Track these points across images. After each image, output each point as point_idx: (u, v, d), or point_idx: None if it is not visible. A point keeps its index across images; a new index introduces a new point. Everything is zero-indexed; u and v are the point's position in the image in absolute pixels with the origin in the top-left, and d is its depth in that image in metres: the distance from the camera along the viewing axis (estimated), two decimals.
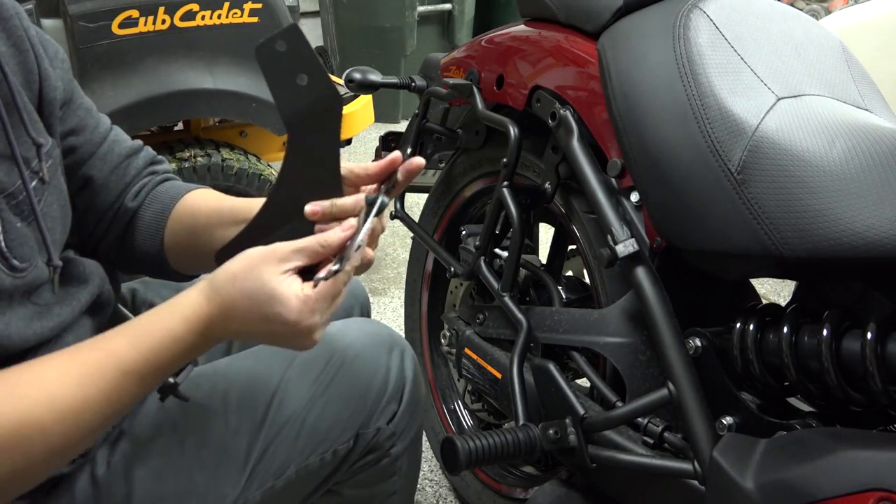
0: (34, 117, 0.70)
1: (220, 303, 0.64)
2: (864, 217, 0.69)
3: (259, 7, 1.78)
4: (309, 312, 0.64)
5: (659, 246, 0.89)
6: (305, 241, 0.65)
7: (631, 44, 0.91)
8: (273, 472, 0.82)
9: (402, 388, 0.91)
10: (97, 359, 0.61)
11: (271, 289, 0.63)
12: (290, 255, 0.64)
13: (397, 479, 0.95)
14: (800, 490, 0.66)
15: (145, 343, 0.63)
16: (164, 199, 0.86)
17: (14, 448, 0.56)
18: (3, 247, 0.62)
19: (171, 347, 0.64)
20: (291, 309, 0.63)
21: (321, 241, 0.65)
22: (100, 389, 0.60)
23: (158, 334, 0.63)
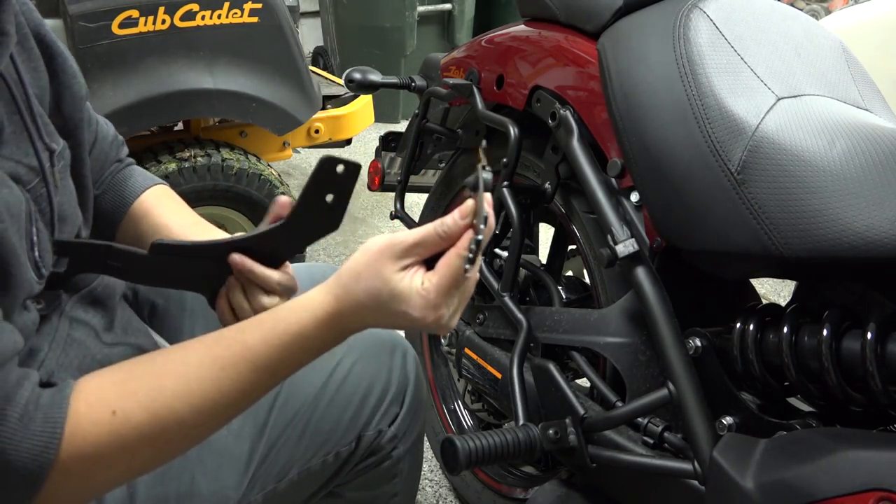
0: (46, 120, 0.70)
1: (349, 301, 0.64)
2: (865, 217, 0.69)
3: (259, 7, 1.78)
4: (432, 308, 0.63)
5: (659, 246, 0.89)
6: (424, 232, 0.63)
7: (631, 44, 0.91)
8: (275, 474, 0.82)
9: (404, 390, 0.91)
10: (232, 354, 0.63)
11: (392, 287, 0.62)
12: (409, 250, 0.63)
13: (399, 481, 0.95)
14: (800, 490, 0.66)
15: (279, 341, 0.63)
16: (124, 192, 0.86)
17: (154, 437, 0.60)
18: (37, 256, 0.63)
19: (303, 345, 0.65)
20: (414, 306, 0.62)
21: (439, 230, 0.63)
22: (233, 383, 0.62)
23: (291, 333, 0.64)
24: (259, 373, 0.63)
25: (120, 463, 0.59)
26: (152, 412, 0.59)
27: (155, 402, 0.59)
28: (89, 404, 0.58)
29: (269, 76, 1.84)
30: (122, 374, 0.61)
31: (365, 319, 0.65)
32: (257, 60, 1.82)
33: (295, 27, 1.99)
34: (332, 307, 0.64)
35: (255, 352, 0.63)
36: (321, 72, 2.71)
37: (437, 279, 0.62)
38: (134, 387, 0.60)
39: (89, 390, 0.59)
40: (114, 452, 0.58)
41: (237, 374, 0.62)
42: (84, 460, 0.57)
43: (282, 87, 1.87)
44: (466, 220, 0.62)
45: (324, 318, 0.64)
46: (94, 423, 0.57)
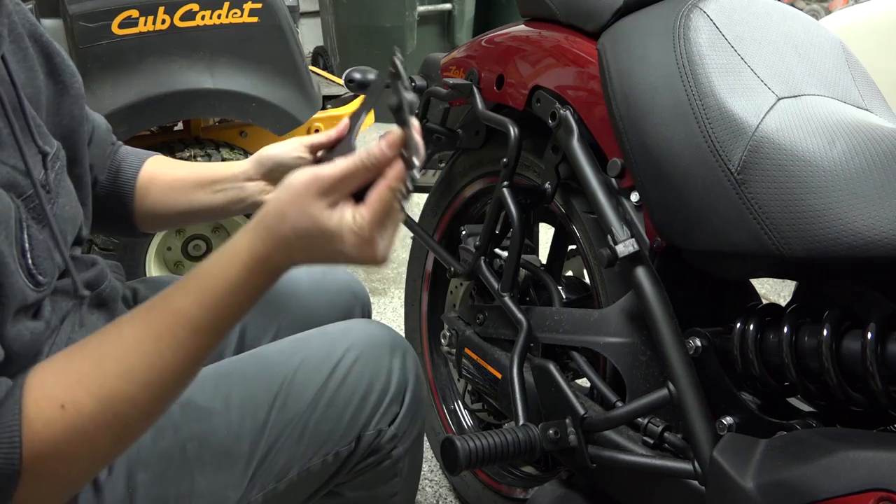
0: (38, 122, 0.69)
1: (276, 243, 0.62)
2: (865, 217, 0.69)
3: (259, 7, 1.78)
4: (367, 243, 0.61)
5: (659, 246, 0.89)
6: (350, 165, 0.61)
7: (631, 44, 0.91)
8: (275, 474, 0.82)
9: (404, 389, 0.91)
10: (167, 323, 0.61)
11: (322, 226, 0.61)
12: (335, 185, 0.61)
13: (398, 481, 0.95)
14: (800, 490, 0.66)
15: (211, 299, 0.62)
16: (125, 168, 0.92)
17: (110, 423, 0.59)
18: (31, 263, 0.62)
19: (238, 297, 0.62)
20: (349, 244, 0.61)
21: (366, 161, 0.61)
22: (176, 351, 0.60)
23: (223, 288, 0.62)
24: (200, 334, 0.61)
25: (83, 454, 0.58)
26: (101, 398, 0.58)
27: (101, 388, 0.58)
28: (37, 403, 0.56)
29: (269, 76, 1.84)
30: (62, 363, 0.60)
31: (294, 257, 0.63)
32: (257, 60, 1.82)
33: (295, 27, 1.99)
34: (259, 252, 0.62)
35: (190, 315, 0.61)
36: (321, 72, 2.71)
37: (369, 214, 0.60)
38: (76, 375, 0.58)
39: (35, 387, 0.57)
40: (73, 446, 0.57)
41: (177, 341, 0.60)
42: (47, 460, 0.56)
43: (282, 87, 1.87)
44: (394, 152, 0.61)
45: (253, 265, 0.62)
46: (46, 422, 0.56)
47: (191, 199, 0.91)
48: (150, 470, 0.75)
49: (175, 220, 0.96)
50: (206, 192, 0.91)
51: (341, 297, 1.11)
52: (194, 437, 0.78)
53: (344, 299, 1.11)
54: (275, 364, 0.86)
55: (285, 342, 0.90)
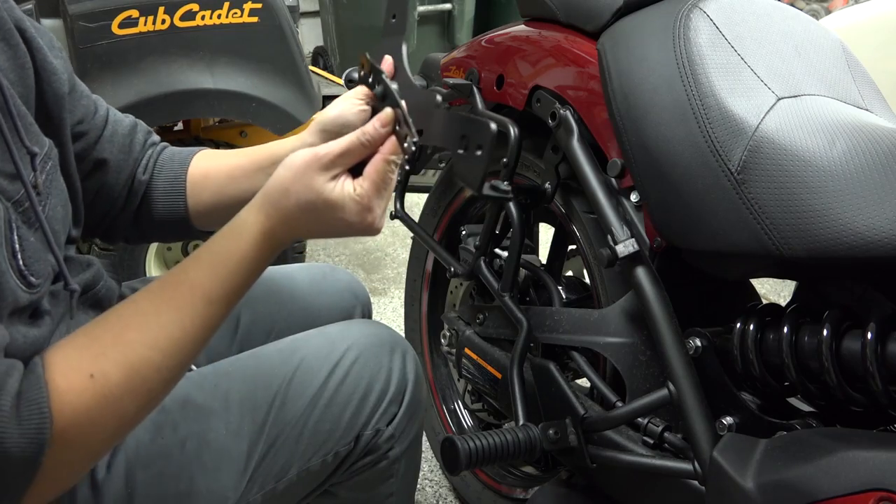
0: (28, 121, 0.69)
1: (280, 217, 0.67)
2: (865, 217, 0.69)
3: (259, 7, 1.78)
4: (367, 210, 0.67)
5: (659, 246, 0.89)
6: (347, 142, 0.67)
7: (631, 44, 0.91)
8: (274, 474, 0.82)
9: (403, 389, 0.90)
10: (184, 294, 0.65)
11: (326, 197, 0.66)
12: (335, 160, 0.67)
13: (395, 482, 0.95)
14: (800, 490, 0.66)
15: (224, 271, 0.66)
16: (174, 166, 0.90)
17: (136, 389, 0.62)
18: (22, 265, 0.62)
19: (247, 268, 0.67)
20: (350, 211, 0.67)
21: (362, 138, 0.67)
22: (193, 319, 0.65)
23: (234, 260, 0.67)
24: (215, 304, 0.66)
25: (111, 422, 0.61)
26: (128, 366, 0.61)
27: (127, 357, 0.61)
28: (65, 375, 0.59)
29: (269, 76, 1.84)
30: (82, 340, 0.62)
31: (297, 230, 0.69)
32: (257, 60, 1.82)
33: (295, 27, 1.99)
34: (264, 226, 0.68)
35: (205, 287, 0.65)
36: (321, 72, 2.71)
37: (368, 184, 0.66)
38: (100, 348, 0.61)
39: (58, 362, 0.60)
40: (102, 413, 0.60)
41: (194, 310, 0.65)
42: (78, 427, 0.58)
43: (282, 87, 1.87)
44: (388, 129, 0.68)
45: (260, 238, 0.68)
46: (77, 392, 0.58)
47: (254, 184, 0.87)
48: (149, 469, 0.75)
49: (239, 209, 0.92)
50: (267, 175, 0.85)
51: (341, 297, 1.11)
52: (193, 436, 0.78)
53: (344, 300, 1.11)
54: (274, 364, 0.85)
55: (285, 342, 0.90)
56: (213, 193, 0.89)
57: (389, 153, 0.67)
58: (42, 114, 0.74)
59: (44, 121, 0.73)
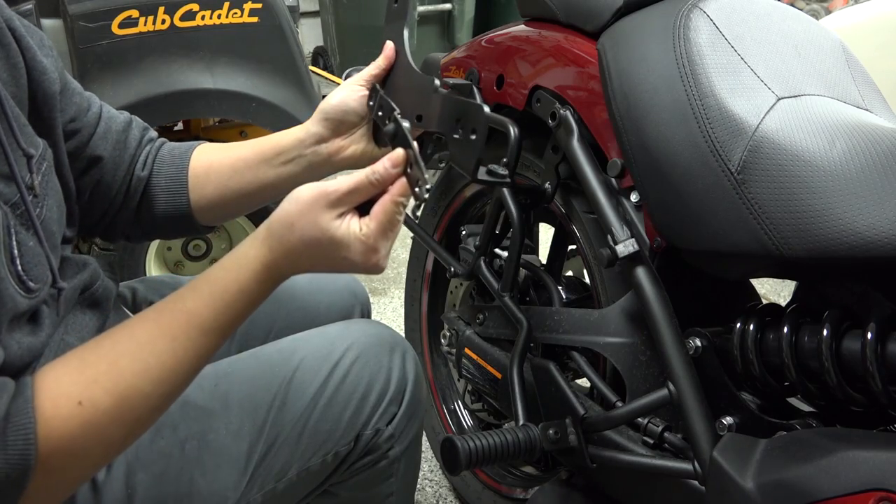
0: (23, 122, 0.69)
1: (284, 251, 0.67)
2: (865, 217, 0.69)
3: (259, 7, 1.78)
4: (372, 251, 0.66)
5: (659, 246, 0.89)
6: (356, 181, 0.66)
7: (631, 44, 0.91)
8: (274, 474, 0.81)
9: (403, 389, 0.90)
10: (180, 323, 0.65)
11: (331, 235, 0.65)
12: (343, 199, 0.66)
13: (394, 481, 0.95)
14: (800, 490, 0.66)
15: (221, 303, 0.66)
16: (174, 160, 0.89)
17: (124, 417, 0.61)
18: (21, 270, 0.62)
19: (245, 301, 0.67)
20: (355, 251, 0.66)
21: (372, 178, 0.66)
22: (187, 350, 0.64)
23: (231, 292, 0.66)
24: (210, 335, 0.65)
25: (96, 449, 0.61)
26: (117, 395, 0.60)
27: (118, 385, 0.61)
28: (53, 401, 0.58)
29: (269, 76, 1.84)
30: (75, 363, 0.62)
31: (300, 265, 0.68)
32: (257, 60, 1.82)
33: (295, 27, 1.99)
34: (267, 258, 0.67)
35: (201, 317, 0.65)
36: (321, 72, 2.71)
37: (375, 225, 0.65)
38: (92, 374, 0.61)
39: (48, 387, 0.59)
40: (88, 441, 0.59)
41: (189, 340, 0.64)
42: (62, 455, 0.58)
43: (282, 86, 1.87)
44: (398, 170, 0.66)
45: (261, 271, 0.67)
46: (63, 418, 0.58)
47: (258, 176, 0.87)
48: (148, 470, 0.75)
49: (243, 203, 0.90)
50: (271, 167, 0.86)
51: (341, 297, 1.11)
52: (193, 437, 0.78)
53: (343, 299, 1.11)
54: (274, 364, 0.85)
55: (285, 342, 0.90)
56: (217, 187, 0.88)
57: (398, 195, 0.66)
58: (34, 114, 0.73)
59: (36, 121, 0.73)
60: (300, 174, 0.86)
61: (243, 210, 0.93)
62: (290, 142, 0.86)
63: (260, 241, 0.68)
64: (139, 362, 0.62)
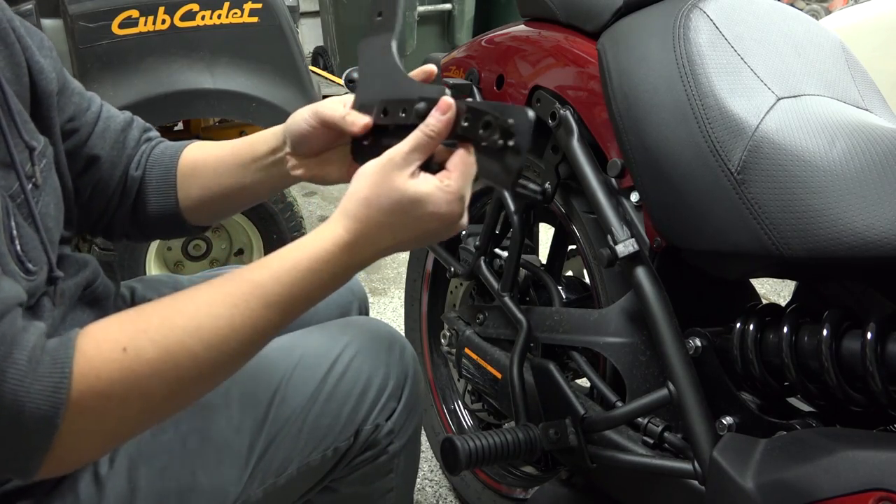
0: (25, 117, 0.69)
1: (361, 229, 0.65)
2: (865, 217, 0.69)
3: (259, 7, 1.78)
4: (457, 199, 0.65)
5: (659, 246, 0.89)
6: (414, 138, 0.65)
7: (631, 44, 0.91)
8: (275, 469, 0.82)
9: (402, 385, 0.91)
10: (243, 291, 0.63)
11: (412, 193, 0.64)
12: (408, 157, 0.65)
13: (394, 477, 0.95)
14: (800, 490, 0.66)
15: (288, 277, 0.64)
16: (164, 160, 0.88)
17: (167, 373, 0.59)
18: (20, 250, 0.62)
19: (312, 280, 0.65)
20: (440, 202, 0.64)
21: (428, 131, 0.65)
22: (245, 319, 0.62)
23: (301, 269, 0.64)
24: (271, 308, 0.63)
25: (133, 401, 0.59)
26: (164, 348, 0.59)
27: (167, 339, 0.59)
28: (98, 343, 0.58)
29: (269, 76, 1.84)
30: (131, 315, 0.61)
31: (381, 241, 0.66)
32: (257, 60, 1.82)
33: (295, 27, 1.99)
34: (342, 240, 0.65)
35: (266, 288, 0.63)
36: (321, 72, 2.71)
37: (456, 174, 0.65)
38: (143, 325, 0.60)
39: (97, 331, 0.59)
40: (127, 389, 0.58)
41: (249, 310, 0.62)
42: (98, 397, 0.57)
43: (282, 87, 1.87)
44: (448, 115, 0.65)
45: (335, 252, 0.65)
46: (104, 360, 0.57)
47: (238, 180, 0.85)
48: (151, 464, 0.75)
49: (227, 203, 0.89)
50: (249, 171, 0.85)
51: (339, 294, 1.11)
52: (195, 432, 0.78)
53: (341, 296, 1.11)
54: (274, 360, 0.86)
55: (284, 338, 0.90)
56: (201, 187, 0.87)
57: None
58: (33, 112, 0.74)
59: (35, 119, 0.73)
60: (278, 181, 0.85)
61: (231, 210, 0.92)
62: (264, 151, 0.83)
63: (335, 222, 0.66)
64: (193, 321, 0.61)
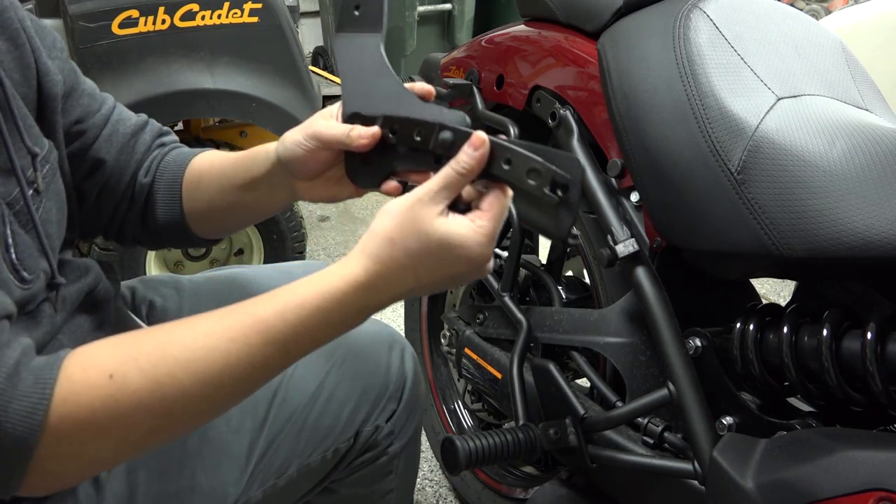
0: (30, 122, 0.68)
1: (381, 271, 0.60)
2: (864, 217, 0.69)
3: (259, 7, 1.78)
4: (489, 243, 0.60)
5: (659, 246, 0.89)
6: (444, 176, 0.60)
7: (631, 44, 0.91)
8: (275, 470, 0.82)
9: (402, 386, 0.91)
10: (243, 325, 0.59)
11: (441, 234, 0.59)
12: (437, 196, 0.60)
13: (394, 478, 0.95)
14: (800, 490, 0.66)
15: (293, 315, 0.59)
16: (173, 167, 0.85)
17: (153, 404, 0.56)
18: (14, 258, 0.61)
19: (320, 320, 0.60)
20: (472, 244, 0.59)
21: (459, 168, 0.60)
22: (242, 355, 0.58)
23: (308, 307, 0.59)
24: (272, 346, 0.59)
25: (115, 431, 0.56)
26: (153, 379, 0.56)
27: (156, 369, 0.56)
28: (84, 367, 0.55)
29: (269, 76, 1.84)
30: (124, 340, 0.58)
31: (403, 283, 0.61)
32: (257, 60, 1.82)
33: (295, 27, 1.99)
34: (359, 280, 0.60)
35: (268, 324, 0.59)
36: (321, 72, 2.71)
37: (490, 214, 0.60)
38: (135, 352, 0.57)
39: (86, 354, 0.56)
40: (109, 418, 0.55)
41: (247, 345, 0.58)
42: (77, 424, 0.54)
43: (282, 86, 1.87)
44: (481, 151, 0.59)
45: (348, 292, 0.60)
46: (88, 386, 0.54)
47: (238, 199, 0.81)
48: (150, 467, 0.75)
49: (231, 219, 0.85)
50: (248, 191, 0.81)
51: None
52: (194, 434, 0.78)
53: None
54: None
55: None
56: (205, 200, 0.83)
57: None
58: (38, 115, 0.72)
59: (40, 122, 0.72)
60: (280, 202, 0.82)
61: (237, 225, 0.88)
62: (261, 173, 0.79)
63: (353, 260, 0.61)
64: (187, 352, 0.57)
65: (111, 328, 0.79)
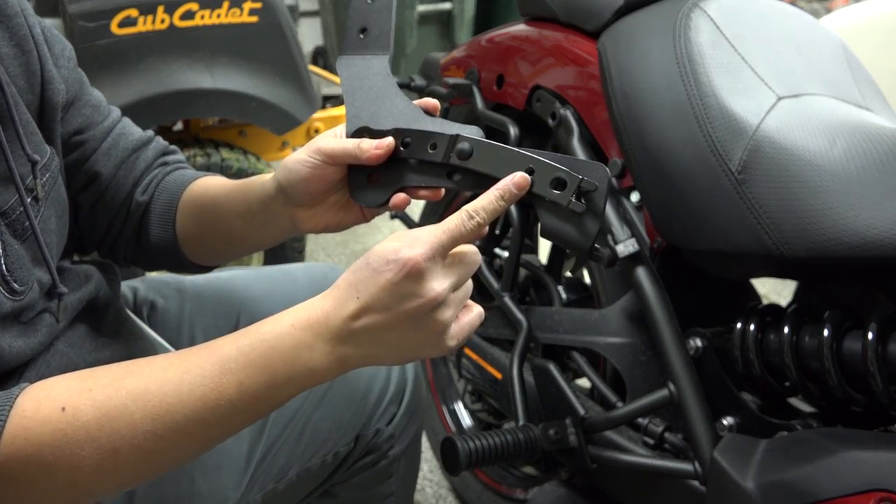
0: (31, 129, 0.67)
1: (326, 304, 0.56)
2: (865, 216, 0.69)
3: (258, 6, 1.78)
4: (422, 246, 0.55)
5: (659, 246, 0.89)
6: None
7: (631, 43, 0.91)
8: (274, 474, 0.82)
9: (403, 389, 0.91)
10: (199, 356, 0.56)
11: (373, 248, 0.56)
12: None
13: (394, 481, 0.95)
14: (800, 490, 0.66)
15: (250, 348, 0.56)
16: (172, 189, 0.82)
17: (102, 439, 0.53)
18: (5, 270, 0.60)
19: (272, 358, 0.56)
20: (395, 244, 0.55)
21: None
22: (193, 387, 0.54)
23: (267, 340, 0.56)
24: (226, 377, 0.55)
25: (62, 468, 0.52)
26: (104, 411, 0.53)
27: (109, 401, 0.53)
28: (38, 402, 0.53)
29: (269, 76, 1.84)
30: (84, 373, 0.56)
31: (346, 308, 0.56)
32: (257, 60, 1.82)
33: (295, 27, 1.99)
34: (317, 313, 0.57)
35: (222, 352, 0.55)
36: (321, 71, 2.71)
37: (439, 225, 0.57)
38: (91, 384, 0.54)
39: (42, 388, 0.54)
40: (56, 453, 0.52)
41: (202, 374, 0.54)
42: (24, 463, 0.51)
43: (281, 86, 1.87)
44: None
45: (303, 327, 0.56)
46: (39, 421, 0.52)
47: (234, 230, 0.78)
48: None
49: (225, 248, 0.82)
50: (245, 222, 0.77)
51: None
52: None
53: None
54: None
55: None
56: (198, 227, 0.80)
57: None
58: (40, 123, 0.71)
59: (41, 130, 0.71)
60: (277, 234, 0.78)
61: (231, 254, 0.84)
62: (257, 201, 0.75)
63: (321, 296, 0.57)
64: (142, 384, 0.54)
65: (110, 333, 0.78)
